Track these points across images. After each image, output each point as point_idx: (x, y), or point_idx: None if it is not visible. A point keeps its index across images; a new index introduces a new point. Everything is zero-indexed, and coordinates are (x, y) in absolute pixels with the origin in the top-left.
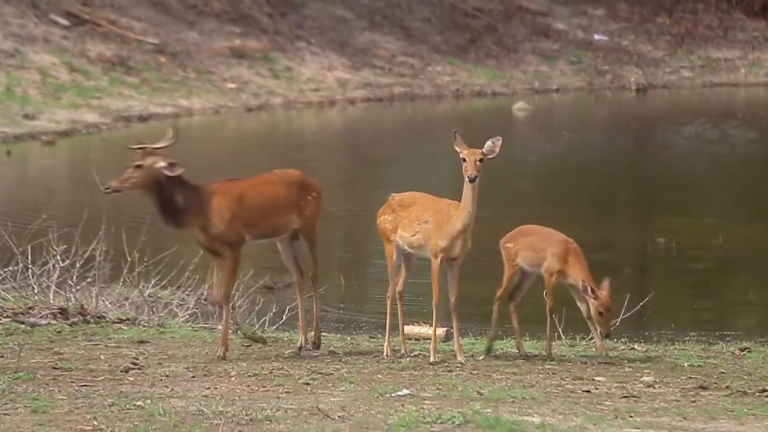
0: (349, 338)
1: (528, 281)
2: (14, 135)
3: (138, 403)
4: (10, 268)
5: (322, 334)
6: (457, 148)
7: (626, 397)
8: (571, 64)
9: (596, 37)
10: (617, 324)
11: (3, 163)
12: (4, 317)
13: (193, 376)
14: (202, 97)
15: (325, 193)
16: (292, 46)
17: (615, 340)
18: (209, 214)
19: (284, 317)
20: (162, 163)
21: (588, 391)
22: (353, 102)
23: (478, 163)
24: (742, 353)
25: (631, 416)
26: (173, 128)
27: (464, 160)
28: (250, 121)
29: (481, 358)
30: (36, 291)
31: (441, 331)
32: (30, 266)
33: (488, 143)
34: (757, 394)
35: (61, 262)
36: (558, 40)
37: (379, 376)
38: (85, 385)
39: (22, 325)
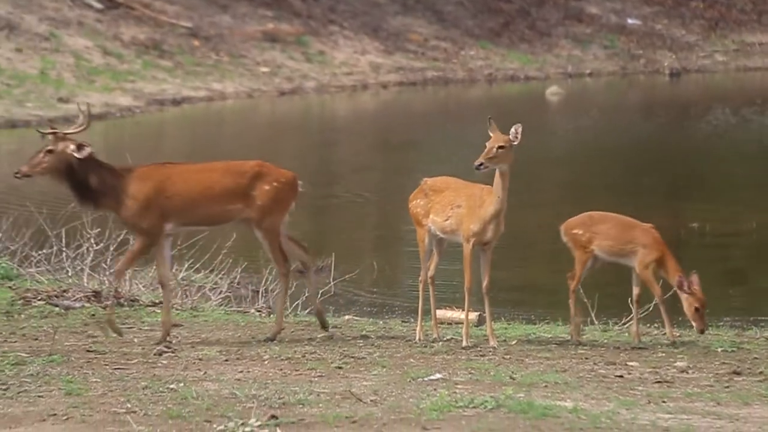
0: (381, 322)
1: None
2: (48, 118)
3: (171, 386)
4: (45, 251)
5: (354, 318)
6: (491, 134)
7: (659, 382)
8: (604, 48)
9: (629, 21)
10: (650, 309)
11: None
12: (39, 300)
13: (226, 360)
14: (235, 80)
15: (355, 177)
16: (325, 30)
17: (648, 325)
18: (123, 198)
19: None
20: (72, 146)
21: (621, 376)
22: (386, 86)
23: (496, 150)
24: None
25: (664, 401)
26: (84, 113)
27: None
28: (283, 104)
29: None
30: (70, 274)
31: (473, 315)
32: (64, 249)
33: (512, 130)
34: None
35: (95, 245)
36: (591, 25)
37: (412, 360)
38: (118, 368)
39: (57, 308)
